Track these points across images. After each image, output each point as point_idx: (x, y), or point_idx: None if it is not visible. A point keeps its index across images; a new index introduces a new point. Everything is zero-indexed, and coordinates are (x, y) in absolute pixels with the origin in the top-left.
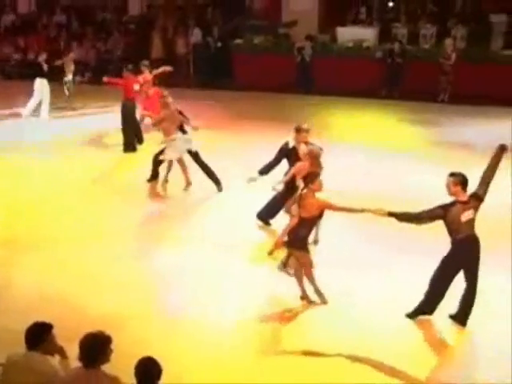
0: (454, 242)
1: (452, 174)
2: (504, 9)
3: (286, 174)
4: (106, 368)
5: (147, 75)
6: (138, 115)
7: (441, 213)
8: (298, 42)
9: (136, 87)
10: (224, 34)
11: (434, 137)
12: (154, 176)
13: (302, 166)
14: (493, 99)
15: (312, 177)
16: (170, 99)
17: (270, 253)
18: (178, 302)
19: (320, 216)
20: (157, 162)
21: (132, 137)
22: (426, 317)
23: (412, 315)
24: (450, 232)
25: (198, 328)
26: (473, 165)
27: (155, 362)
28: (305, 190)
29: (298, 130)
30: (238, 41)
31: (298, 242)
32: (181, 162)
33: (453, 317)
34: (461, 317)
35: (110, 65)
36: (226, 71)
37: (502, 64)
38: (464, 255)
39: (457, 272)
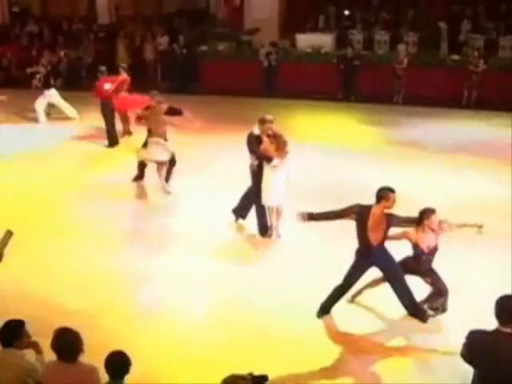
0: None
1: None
2: (450, 16)
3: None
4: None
5: (125, 76)
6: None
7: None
8: (265, 47)
9: (106, 86)
10: (189, 41)
11: (389, 136)
12: (139, 176)
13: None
14: (442, 101)
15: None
16: (160, 100)
17: None
18: (150, 298)
19: None
20: (143, 163)
21: (113, 132)
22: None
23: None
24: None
25: (169, 324)
26: (424, 162)
27: (124, 355)
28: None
29: (263, 121)
30: (203, 47)
31: None
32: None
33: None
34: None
35: (81, 72)
36: (192, 77)
37: (450, 68)
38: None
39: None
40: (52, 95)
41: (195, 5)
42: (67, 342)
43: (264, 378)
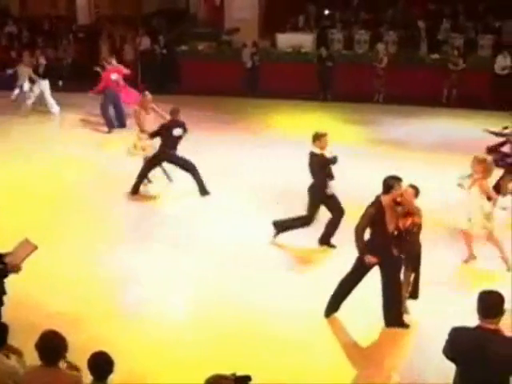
0: None
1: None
2: (429, 15)
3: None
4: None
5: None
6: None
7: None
8: (248, 47)
9: (113, 77)
10: (169, 41)
11: (371, 135)
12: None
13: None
14: (422, 100)
15: None
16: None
17: None
18: (134, 299)
19: None
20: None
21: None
22: None
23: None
24: None
25: (153, 324)
26: (406, 161)
27: (107, 355)
28: None
29: (319, 136)
30: (183, 48)
31: None
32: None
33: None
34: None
35: (61, 72)
36: (172, 77)
37: (430, 67)
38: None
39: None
40: (46, 85)
41: (175, 5)
42: (51, 344)
43: (247, 378)
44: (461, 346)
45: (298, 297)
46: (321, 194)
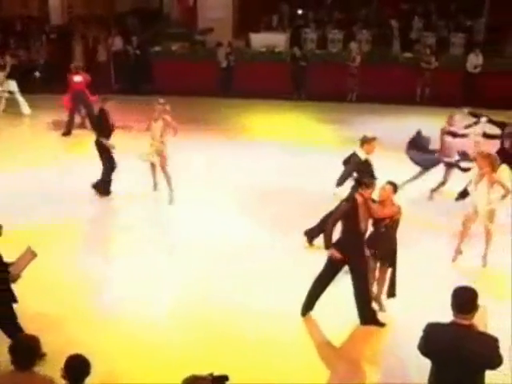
0: None
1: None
2: (402, 14)
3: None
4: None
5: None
6: None
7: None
8: (223, 47)
9: (76, 79)
10: (143, 41)
11: (345, 134)
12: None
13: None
14: (396, 98)
15: None
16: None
17: None
18: (111, 301)
19: None
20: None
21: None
22: None
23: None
24: None
25: (132, 326)
26: (380, 159)
27: (83, 358)
28: None
29: (368, 141)
30: (157, 48)
31: None
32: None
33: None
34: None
35: (33, 73)
36: (146, 78)
37: (403, 65)
38: None
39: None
40: (13, 85)
41: (148, 4)
42: (20, 350)
43: (224, 378)
44: (435, 341)
45: (278, 296)
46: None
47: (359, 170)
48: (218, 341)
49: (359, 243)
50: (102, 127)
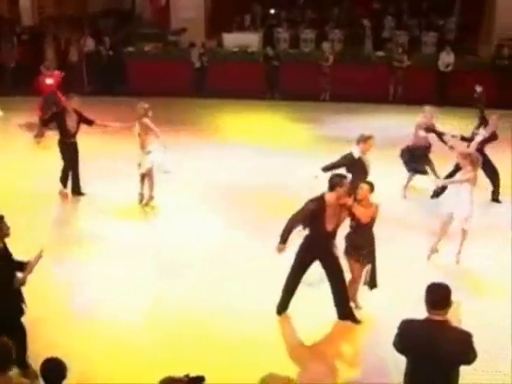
0: None
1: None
2: (374, 13)
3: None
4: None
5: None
6: None
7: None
8: (196, 48)
9: (48, 81)
10: (115, 42)
11: (319, 133)
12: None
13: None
14: (369, 97)
15: None
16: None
17: None
18: (87, 303)
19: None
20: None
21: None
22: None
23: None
24: None
25: (107, 327)
26: None
27: (59, 361)
28: None
29: (365, 139)
30: (130, 49)
31: None
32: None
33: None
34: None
35: (4, 76)
36: (119, 78)
37: (375, 64)
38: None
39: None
40: None
41: (121, 5)
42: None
43: (200, 378)
44: (410, 338)
45: (250, 295)
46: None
47: (349, 167)
48: (194, 341)
49: (325, 243)
50: (61, 127)
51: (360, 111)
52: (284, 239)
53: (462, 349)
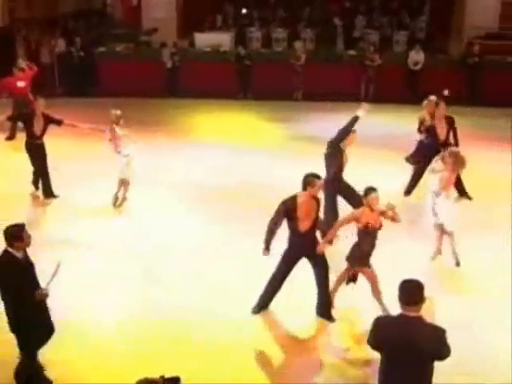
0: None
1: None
2: (345, 12)
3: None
4: None
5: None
6: None
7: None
8: (167, 48)
9: (20, 84)
10: (87, 43)
11: (292, 132)
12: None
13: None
14: (341, 96)
15: None
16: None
17: None
18: (61, 306)
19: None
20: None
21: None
22: None
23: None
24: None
25: (81, 331)
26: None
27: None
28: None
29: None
30: (101, 49)
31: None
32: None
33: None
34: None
35: None
36: (91, 79)
37: (347, 63)
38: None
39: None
40: None
41: (91, 6)
42: None
43: (176, 379)
44: (384, 334)
45: (228, 295)
46: (334, 186)
47: (332, 157)
48: (170, 343)
49: (305, 241)
50: (27, 129)
51: (332, 110)
52: (267, 244)
53: (436, 344)
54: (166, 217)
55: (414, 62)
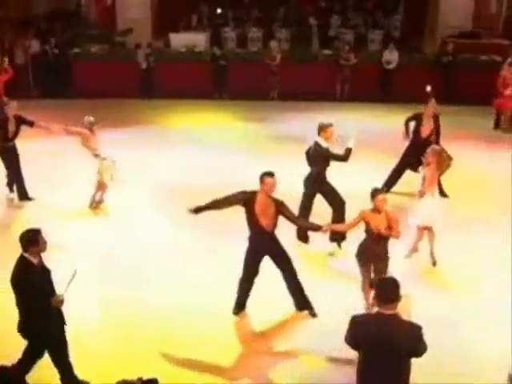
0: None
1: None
2: (320, 12)
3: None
4: None
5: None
6: None
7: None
8: (142, 48)
9: None
10: (61, 43)
11: (268, 132)
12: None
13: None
14: (316, 95)
15: None
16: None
17: None
18: None
19: None
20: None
21: None
22: None
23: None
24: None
25: None
26: (301, 156)
27: (6, 369)
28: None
29: (324, 128)
30: (76, 50)
31: None
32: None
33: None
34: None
35: None
36: (65, 80)
37: (322, 63)
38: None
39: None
40: None
41: (65, 6)
42: None
43: (154, 381)
44: (363, 332)
45: (204, 295)
46: (317, 185)
47: (327, 158)
48: (145, 343)
49: (266, 239)
50: (1, 133)
51: (308, 109)
52: (196, 210)
53: (413, 342)
54: (140, 217)
55: (387, 61)
